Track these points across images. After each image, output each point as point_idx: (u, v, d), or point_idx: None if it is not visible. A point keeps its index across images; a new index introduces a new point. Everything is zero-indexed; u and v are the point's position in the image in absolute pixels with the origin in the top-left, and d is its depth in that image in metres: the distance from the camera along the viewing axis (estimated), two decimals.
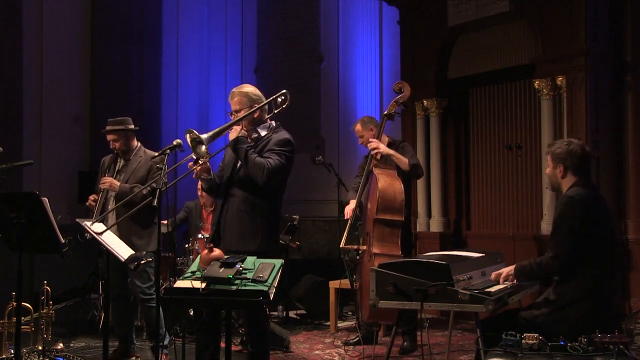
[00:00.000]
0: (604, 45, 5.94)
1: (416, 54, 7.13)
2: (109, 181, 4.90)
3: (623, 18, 6.00)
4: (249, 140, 3.98)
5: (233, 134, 3.94)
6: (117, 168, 5.08)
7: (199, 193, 6.68)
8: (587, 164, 3.51)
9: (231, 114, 4.07)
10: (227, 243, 3.89)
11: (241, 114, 3.98)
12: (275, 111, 4.04)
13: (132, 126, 5.09)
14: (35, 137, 8.22)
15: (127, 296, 5.03)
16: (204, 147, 3.73)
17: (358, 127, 5.51)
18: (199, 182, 6.64)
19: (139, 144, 5.15)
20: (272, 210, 4.00)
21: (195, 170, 3.90)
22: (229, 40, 10.26)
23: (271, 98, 4.02)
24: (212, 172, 4.02)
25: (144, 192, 4.71)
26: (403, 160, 5.13)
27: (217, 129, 3.85)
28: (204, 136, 3.73)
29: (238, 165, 4.00)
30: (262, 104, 4.02)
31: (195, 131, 3.74)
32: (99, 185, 4.96)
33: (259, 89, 4.19)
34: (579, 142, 3.57)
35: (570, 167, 3.45)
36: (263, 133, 4.04)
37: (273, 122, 4.11)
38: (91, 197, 4.96)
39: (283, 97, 4.00)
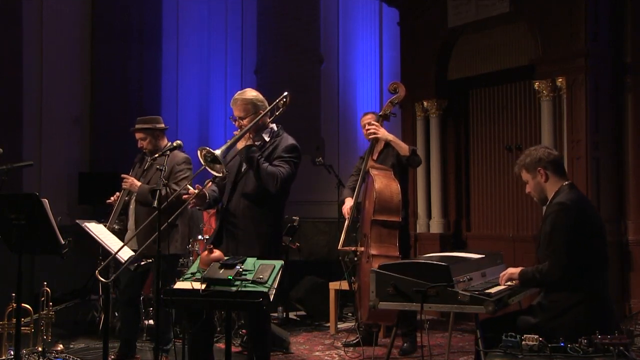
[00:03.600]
0: (604, 46, 5.94)
1: (416, 54, 7.13)
2: (130, 181, 4.82)
3: (623, 19, 6.01)
4: (257, 150, 3.98)
5: (242, 143, 3.93)
6: (143, 167, 5.02)
7: None
8: (561, 163, 3.51)
9: (234, 120, 4.05)
10: (230, 248, 3.89)
11: (246, 122, 3.96)
12: (277, 113, 4.04)
13: (161, 125, 5.03)
14: (35, 138, 8.21)
15: (137, 301, 5.01)
16: (219, 166, 3.67)
17: (370, 116, 5.44)
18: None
19: (170, 143, 4.98)
20: (276, 215, 4.02)
21: (191, 203, 3.91)
22: (229, 41, 10.27)
23: (274, 103, 4.02)
24: (207, 196, 4.01)
25: (164, 192, 4.67)
26: (402, 146, 5.10)
27: (228, 143, 3.79)
28: (218, 152, 3.64)
29: (242, 169, 4.00)
30: (267, 110, 4.01)
31: (207, 147, 3.67)
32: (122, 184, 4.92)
33: (259, 90, 4.18)
34: (542, 145, 3.59)
35: (549, 167, 3.43)
36: (267, 138, 4.05)
37: (274, 125, 4.11)
38: (114, 196, 4.90)
39: (285, 100, 4.01)
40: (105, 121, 8.45)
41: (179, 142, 4.13)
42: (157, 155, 4.77)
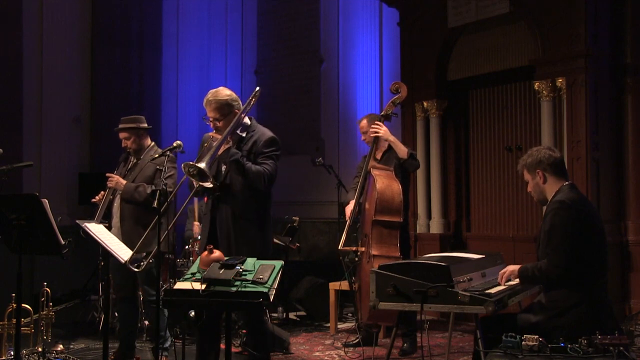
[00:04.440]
0: (603, 46, 5.94)
1: (416, 55, 7.13)
2: (115, 179, 4.87)
3: (623, 19, 6.01)
4: (232, 144, 3.99)
5: (223, 148, 3.94)
6: (128, 166, 5.06)
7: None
8: (562, 165, 3.52)
9: (208, 121, 4.06)
10: (223, 249, 3.89)
11: (222, 124, 4.00)
12: (248, 108, 4.06)
13: (145, 125, 5.07)
14: (36, 138, 8.22)
15: (132, 299, 5.02)
16: (209, 180, 3.72)
17: (364, 122, 5.49)
18: None
19: (153, 143, 5.11)
20: (264, 212, 4.05)
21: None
22: (228, 42, 10.27)
23: (248, 101, 4.06)
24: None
25: (149, 191, 4.72)
26: (402, 148, 5.14)
27: (210, 152, 3.82)
28: (203, 165, 3.69)
29: (223, 169, 4.00)
30: (242, 109, 4.04)
31: (191, 162, 3.71)
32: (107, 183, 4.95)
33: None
34: (545, 146, 3.62)
35: (548, 170, 3.45)
36: (242, 133, 4.07)
37: (247, 119, 4.12)
38: (99, 195, 4.95)
39: (257, 94, 4.07)
40: (105, 122, 8.45)
41: (179, 142, 4.14)
42: (157, 155, 4.78)
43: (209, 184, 3.78)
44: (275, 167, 3.98)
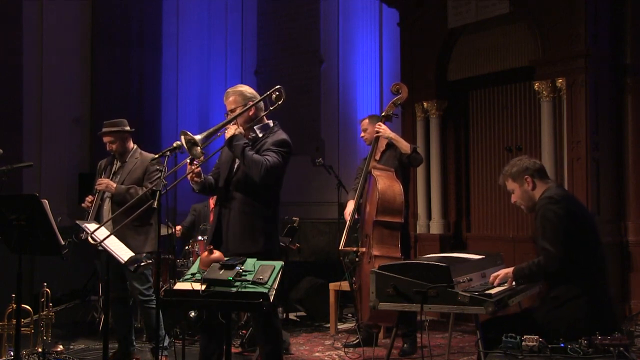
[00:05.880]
0: (604, 47, 5.94)
1: (416, 55, 7.13)
2: (105, 182, 4.92)
3: (623, 20, 6.01)
4: (245, 139, 3.99)
5: (229, 133, 3.94)
6: (113, 170, 5.09)
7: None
8: (545, 171, 3.59)
9: (227, 115, 4.08)
10: (229, 245, 3.89)
11: (236, 113, 3.99)
12: (271, 108, 4.04)
13: (128, 128, 5.12)
14: (36, 139, 8.22)
15: (126, 298, 5.03)
16: (198, 149, 3.73)
17: (366, 121, 5.52)
18: None
19: (135, 145, 5.19)
20: (272, 210, 4.02)
21: (188, 176, 3.92)
22: (228, 42, 10.27)
23: (265, 95, 4.04)
24: (202, 175, 4.02)
25: (140, 192, 4.73)
26: (404, 144, 5.16)
27: (211, 129, 3.85)
28: (198, 137, 3.73)
29: (235, 166, 4.00)
30: (256, 101, 4.04)
31: (189, 133, 3.74)
32: (95, 187, 4.98)
33: (259, 90, 4.20)
34: (525, 156, 3.71)
35: (536, 175, 3.52)
36: (260, 134, 4.06)
37: (270, 122, 4.12)
38: (88, 199, 4.98)
39: (278, 94, 3.99)
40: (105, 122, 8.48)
41: (178, 143, 4.13)
42: (156, 156, 4.79)
43: (198, 157, 3.76)
44: (278, 162, 3.88)
